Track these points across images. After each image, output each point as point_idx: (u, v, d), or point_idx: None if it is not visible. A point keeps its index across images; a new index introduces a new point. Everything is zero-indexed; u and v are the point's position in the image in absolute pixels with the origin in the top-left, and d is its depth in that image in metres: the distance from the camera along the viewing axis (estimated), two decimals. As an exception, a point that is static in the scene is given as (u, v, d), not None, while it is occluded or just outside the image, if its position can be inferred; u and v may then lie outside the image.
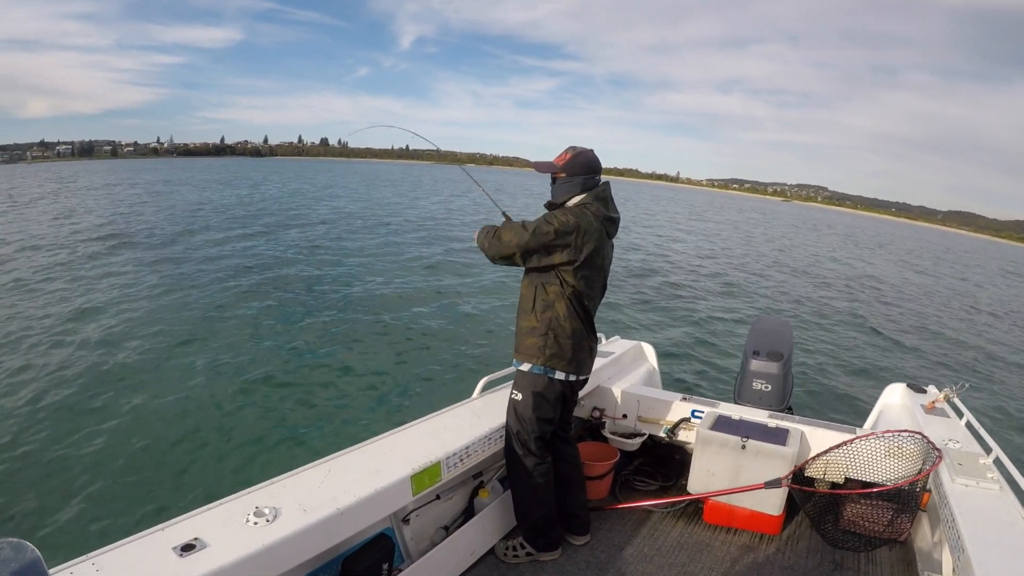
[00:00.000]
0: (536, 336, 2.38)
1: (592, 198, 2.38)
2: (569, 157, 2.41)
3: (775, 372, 3.64)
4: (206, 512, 1.71)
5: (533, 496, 2.49)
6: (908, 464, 2.52)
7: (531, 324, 2.40)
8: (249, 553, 1.54)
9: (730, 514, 2.82)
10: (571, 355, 2.41)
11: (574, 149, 2.44)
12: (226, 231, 19.01)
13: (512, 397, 2.48)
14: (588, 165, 2.42)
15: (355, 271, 13.59)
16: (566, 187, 2.41)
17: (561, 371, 2.41)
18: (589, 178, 2.42)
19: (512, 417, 2.47)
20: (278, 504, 1.75)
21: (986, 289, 24.62)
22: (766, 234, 37.64)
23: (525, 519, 2.54)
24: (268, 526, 1.65)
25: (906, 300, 17.40)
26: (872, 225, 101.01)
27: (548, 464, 2.49)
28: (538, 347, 2.38)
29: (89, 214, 22.98)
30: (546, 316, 2.36)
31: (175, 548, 1.51)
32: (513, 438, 2.47)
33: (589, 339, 2.49)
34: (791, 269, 21.04)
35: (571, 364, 2.42)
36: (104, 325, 8.64)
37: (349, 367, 7.42)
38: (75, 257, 13.79)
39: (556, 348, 2.37)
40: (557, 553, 2.56)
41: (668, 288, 14.41)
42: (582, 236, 2.29)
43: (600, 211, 2.37)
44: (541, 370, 2.39)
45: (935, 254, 45.42)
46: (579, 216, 2.31)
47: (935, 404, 3.07)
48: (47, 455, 5.01)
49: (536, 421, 2.42)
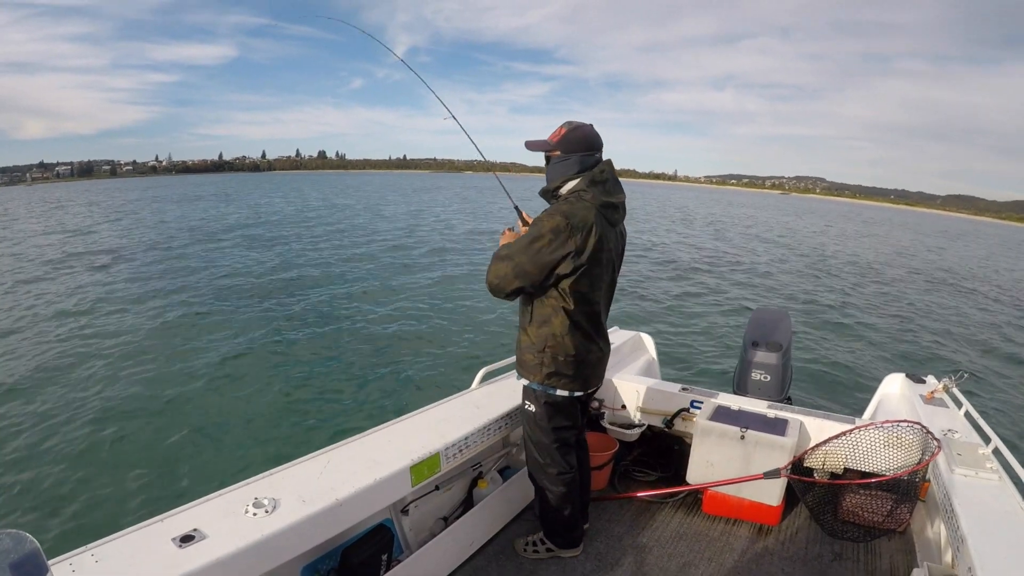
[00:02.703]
0: (532, 353, 2.19)
1: (587, 183, 2.10)
2: (564, 132, 2.15)
3: (774, 362, 3.64)
4: (205, 503, 1.71)
5: (559, 502, 2.38)
6: (907, 454, 2.52)
7: (527, 340, 2.21)
8: (248, 544, 1.54)
9: (729, 504, 2.82)
10: (572, 372, 2.20)
11: (570, 124, 2.17)
12: (230, 235, 18.99)
13: (525, 408, 2.34)
14: (585, 140, 2.15)
15: (356, 264, 13.58)
16: (560, 167, 2.16)
17: (563, 389, 2.23)
18: (587, 155, 2.15)
19: (529, 428, 2.35)
20: (277, 495, 1.75)
21: (988, 276, 24.63)
22: (766, 223, 37.63)
23: (549, 521, 2.46)
24: (267, 517, 1.65)
25: (905, 289, 17.40)
26: (876, 213, 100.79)
27: (574, 472, 2.38)
28: (535, 364, 2.20)
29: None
30: (542, 333, 2.16)
31: (174, 539, 1.51)
32: (533, 447, 2.35)
33: (595, 349, 2.27)
34: (792, 259, 21.03)
35: (574, 382, 2.23)
36: (105, 323, 8.63)
37: (348, 359, 7.43)
38: (81, 262, 13.78)
39: (554, 367, 2.18)
40: (579, 551, 2.50)
41: (667, 279, 14.41)
42: (578, 236, 2.02)
43: (597, 198, 2.09)
44: (541, 388, 2.23)
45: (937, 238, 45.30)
46: (569, 214, 2.02)
47: (934, 394, 3.07)
48: (46, 447, 5.02)
49: (554, 431, 2.30)
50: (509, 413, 2.65)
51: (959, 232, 63.20)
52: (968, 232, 67.30)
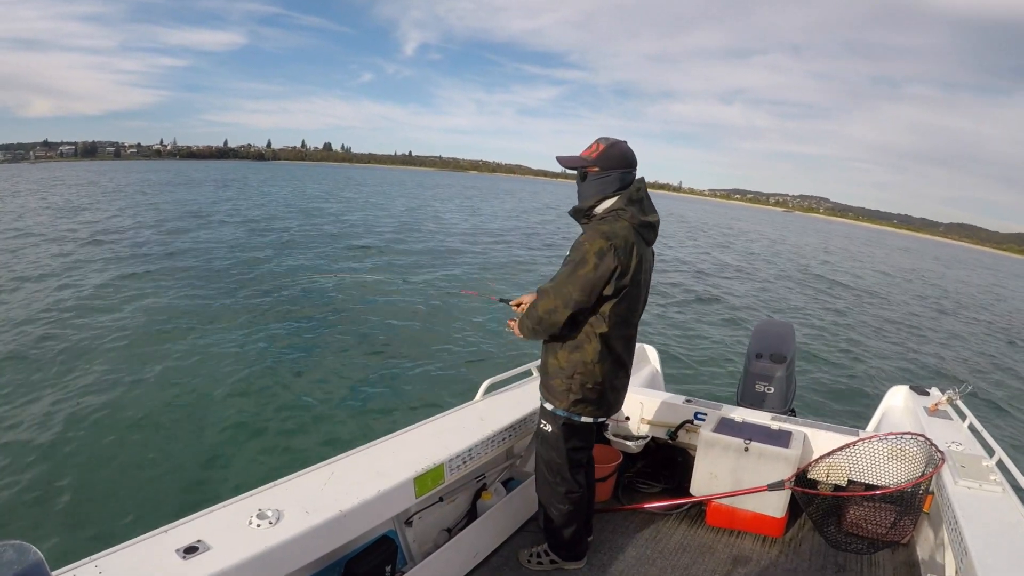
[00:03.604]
0: (561, 378, 2.16)
1: (625, 202, 2.05)
2: (603, 148, 2.08)
3: (778, 374, 3.64)
4: (209, 514, 1.71)
5: (566, 519, 2.38)
6: (911, 466, 2.51)
7: (557, 364, 2.17)
8: (252, 555, 1.54)
9: (733, 516, 2.81)
10: (598, 399, 2.19)
11: (606, 139, 2.10)
12: (233, 235, 19.07)
13: (540, 428, 2.34)
14: (624, 158, 2.08)
15: (362, 275, 13.62)
16: (598, 185, 2.08)
17: (587, 416, 2.22)
18: (626, 173, 2.08)
19: (544, 447, 2.35)
20: (281, 506, 1.75)
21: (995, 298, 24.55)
22: (769, 238, 37.60)
23: (554, 535, 2.45)
24: (271, 528, 1.65)
25: (910, 303, 17.35)
26: (878, 236, 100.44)
27: (582, 492, 2.38)
28: (563, 391, 2.17)
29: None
30: (573, 359, 2.12)
31: (178, 550, 1.51)
32: (544, 466, 2.35)
33: (623, 374, 2.26)
34: (794, 272, 21.00)
35: (599, 409, 2.23)
36: (106, 327, 8.65)
37: (352, 370, 7.43)
38: (90, 258, 13.84)
39: (581, 394, 2.15)
40: (582, 563, 2.49)
41: (671, 290, 14.39)
42: (623, 256, 1.99)
43: (636, 217, 2.05)
44: (565, 414, 2.22)
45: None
46: (611, 235, 1.98)
47: (938, 406, 3.07)
48: (49, 458, 5.02)
49: (568, 452, 2.30)
50: (513, 425, 2.66)
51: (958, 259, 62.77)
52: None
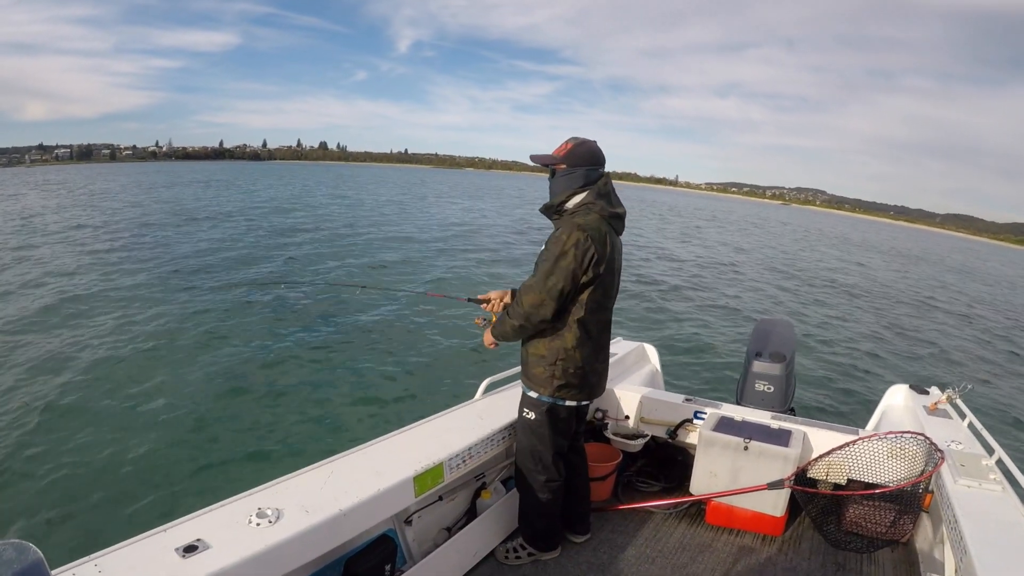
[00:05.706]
0: (543, 366, 2.27)
1: (595, 196, 2.20)
2: (571, 147, 2.23)
3: (777, 373, 3.64)
4: (208, 513, 1.71)
5: (542, 509, 2.44)
6: (910, 465, 2.51)
7: (538, 352, 2.28)
8: (251, 554, 1.54)
9: (732, 515, 2.81)
10: (580, 383, 2.30)
11: (576, 139, 2.26)
12: (236, 232, 19.06)
13: (523, 416, 2.41)
14: (591, 156, 2.24)
15: (362, 271, 13.62)
16: (565, 181, 2.23)
17: (571, 400, 2.33)
18: (592, 170, 2.23)
19: (525, 434, 2.41)
20: (280, 505, 1.75)
21: (990, 291, 24.58)
22: (769, 234, 37.61)
23: (529, 526, 2.53)
24: (270, 527, 1.66)
25: (908, 301, 17.36)
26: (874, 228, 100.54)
27: (561, 481, 2.45)
28: (545, 377, 2.27)
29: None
30: (553, 346, 2.24)
31: (177, 549, 1.51)
32: (526, 454, 2.41)
33: (602, 358, 2.38)
34: (791, 271, 21.01)
35: (582, 392, 2.34)
36: (106, 328, 8.64)
37: (352, 368, 7.43)
38: (90, 259, 13.83)
39: (564, 379, 2.27)
40: (557, 552, 2.56)
41: (670, 289, 14.39)
42: (598, 245, 2.13)
43: (605, 209, 2.21)
44: (550, 399, 2.31)
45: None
46: (585, 226, 2.12)
47: (938, 405, 3.07)
48: (48, 457, 5.02)
49: (551, 438, 2.37)
50: (512, 423, 2.65)
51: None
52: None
